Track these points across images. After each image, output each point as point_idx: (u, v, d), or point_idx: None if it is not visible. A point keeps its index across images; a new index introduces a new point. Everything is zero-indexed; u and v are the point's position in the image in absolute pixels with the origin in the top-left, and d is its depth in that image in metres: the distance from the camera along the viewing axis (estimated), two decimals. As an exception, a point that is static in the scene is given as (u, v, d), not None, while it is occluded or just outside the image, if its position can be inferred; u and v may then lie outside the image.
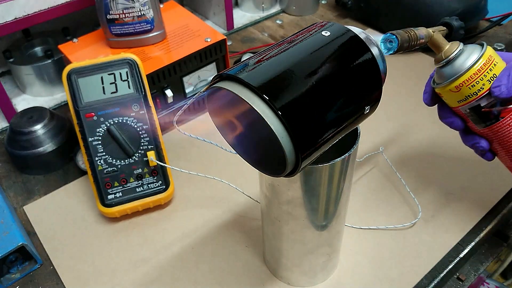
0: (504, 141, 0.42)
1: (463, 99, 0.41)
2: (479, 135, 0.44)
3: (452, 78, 0.41)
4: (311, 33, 0.32)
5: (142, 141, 0.55)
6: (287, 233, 0.42)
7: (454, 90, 0.41)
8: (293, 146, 0.27)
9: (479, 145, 0.44)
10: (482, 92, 0.40)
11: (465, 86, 0.40)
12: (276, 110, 0.26)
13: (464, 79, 0.40)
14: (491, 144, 0.44)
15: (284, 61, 0.29)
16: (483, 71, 0.40)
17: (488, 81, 0.40)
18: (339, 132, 0.31)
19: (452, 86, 0.41)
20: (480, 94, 0.40)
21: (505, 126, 0.41)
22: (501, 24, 0.81)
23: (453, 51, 0.40)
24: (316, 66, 0.29)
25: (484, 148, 0.44)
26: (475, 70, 0.40)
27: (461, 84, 0.40)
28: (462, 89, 0.41)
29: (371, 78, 0.32)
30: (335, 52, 0.31)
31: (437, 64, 0.42)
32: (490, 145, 0.44)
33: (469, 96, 0.41)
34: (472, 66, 0.40)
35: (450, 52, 0.40)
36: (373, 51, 0.32)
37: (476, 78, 0.40)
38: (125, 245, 0.53)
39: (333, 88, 0.29)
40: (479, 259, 0.52)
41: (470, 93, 0.41)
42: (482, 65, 0.40)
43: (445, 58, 0.41)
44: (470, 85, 0.40)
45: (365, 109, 0.32)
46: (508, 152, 0.43)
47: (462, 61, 0.40)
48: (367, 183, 0.58)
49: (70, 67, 0.54)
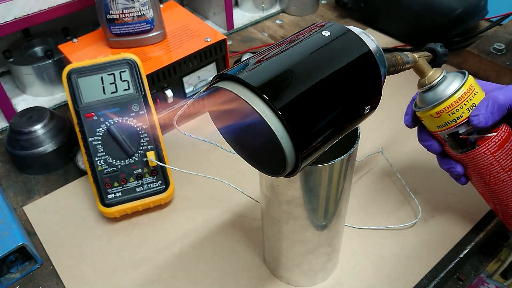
0: (478, 168, 0.44)
1: (442, 125, 0.43)
2: (455, 160, 0.45)
3: (433, 104, 0.42)
4: (311, 33, 0.32)
5: (142, 141, 0.55)
6: (287, 233, 0.42)
7: (434, 115, 0.42)
8: (293, 146, 0.27)
9: (454, 169, 0.45)
10: (461, 119, 0.41)
11: (445, 113, 0.42)
12: (276, 110, 0.26)
13: (445, 106, 0.41)
14: (466, 169, 0.45)
15: (284, 61, 0.29)
16: (463, 100, 0.41)
17: (467, 109, 0.41)
18: (339, 132, 0.31)
19: (433, 111, 0.42)
20: (459, 122, 0.42)
21: (480, 154, 0.43)
22: (501, 24, 0.81)
23: (436, 78, 0.41)
24: (316, 66, 0.29)
25: (459, 172, 0.45)
26: (456, 98, 0.41)
27: (441, 110, 0.42)
28: (442, 115, 0.42)
29: (371, 78, 0.32)
30: (335, 52, 0.31)
31: (420, 88, 0.43)
32: (464, 170, 0.45)
33: (448, 123, 0.42)
34: (453, 94, 0.41)
35: (433, 78, 0.42)
36: (373, 51, 0.32)
37: (456, 106, 0.41)
38: (125, 245, 0.53)
39: (333, 88, 0.29)
40: (479, 259, 0.52)
41: (449, 120, 0.42)
42: (463, 94, 0.41)
43: (428, 84, 0.42)
44: (450, 112, 0.41)
45: (365, 109, 0.32)
46: (481, 179, 0.45)
47: (444, 88, 0.41)
48: (367, 183, 0.58)
49: (70, 67, 0.54)
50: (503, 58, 0.71)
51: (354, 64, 0.31)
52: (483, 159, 0.43)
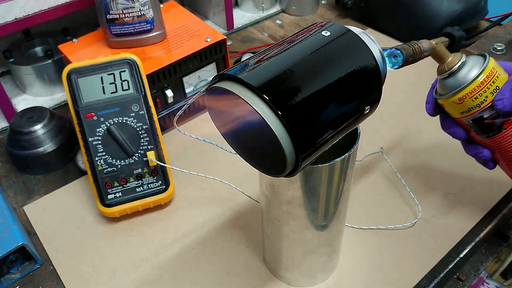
0: (506, 152, 0.43)
1: (466, 111, 0.41)
2: (482, 145, 0.44)
3: (455, 91, 0.41)
4: (311, 33, 0.32)
5: (142, 141, 0.55)
6: (287, 233, 0.42)
7: (457, 102, 0.41)
8: (293, 146, 0.27)
9: (482, 154, 0.44)
10: (485, 104, 0.40)
11: (468, 98, 0.40)
12: (276, 110, 0.26)
13: (467, 91, 0.40)
14: (493, 154, 0.44)
15: (284, 61, 0.29)
16: (486, 84, 0.40)
17: (491, 93, 0.40)
18: (339, 132, 0.31)
19: (455, 98, 0.41)
20: (483, 106, 0.40)
21: (507, 137, 0.42)
22: (501, 24, 0.81)
23: (456, 63, 0.40)
24: (316, 66, 0.29)
25: (486, 157, 0.44)
26: (478, 83, 0.40)
27: (464, 96, 0.40)
28: (465, 101, 0.41)
29: (371, 78, 0.32)
30: (335, 52, 0.31)
31: (440, 75, 0.42)
32: (492, 154, 0.44)
33: (472, 108, 0.41)
34: (475, 78, 0.40)
35: (453, 64, 0.40)
36: (373, 51, 0.32)
37: (479, 91, 0.40)
38: (125, 245, 0.53)
39: (333, 88, 0.29)
40: (479, 259, 0.52)
41: (473, 105, 0.41)
42: (485, 78, 0.40)
43: (448, 70, 0.41)
44: (473, 97, 0.40)
45: (365, 109, 0.32)
46: (509, 162, 0.44)
47: (465, 73, 0.40)
48: (367, 183, 0.58)
49: (70, 67, 0.54)
50: (503, 58, 0.71)
51: (354, 64, 0.31)
52: (510, 142, 0.41)
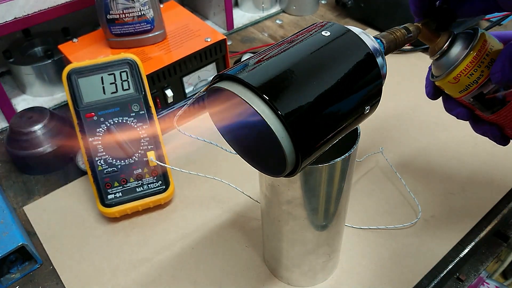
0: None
1: (464, 89, 0.39)
2: (489, 122, 0.42)
3: (448, 70, 0.39)
4: (311, 33, 0.32)
5: (142, 141, 0.55)
6: (287, 233, 0.42)
7: (453, 81, 0.39)
8: (293, 146, 0.27)
9: (490, 132, 0.42)
10: (482, 79, 0.38)
11: (463, 76, 0.38)
12: (276, 110, 0.26)
13: (461, 69, 0.38)
14: (504, 129, 0.42)
15: (284, 61, 0.29)
16: (479, 58, 0.38)
17: (486, 67, 0.38)
18: (339, 132, 0.31)
19: (450, 77, 0.39)
20: (480, 82, 0.38)
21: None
22: (501, 24, 0.81)
23: (445, 42, 0.39)
24: (316, 66, 0.29)
25: (496, 134, 0.42)
26: (471, 59, 0.38)
27: (458, 74, 0.39)
28: (461, 80, 0.39)
29: (371, 77, 0.32)
30: (335, 52, 0.31)
31: (432, 56, 0.40)
32: (501, 130, 0.42)
33: (469, 86, 0.39)
34: (467, 55, 0.38)
35: (442, 43, 0.39)
36: (373, 51, 0.32)
37: (473, 67, 0.38)
38: (125, 245, 0.53)
39: (333, 88, 0.29)
40: (479, 259, 0.52)
41: (470, 82, 0.39)
42: (477, 53, 0.38)
43: (438, 50, 0.39)
44: (468, 74, 0.38)
45: (365, 109, 0.32)
46: None
47: (456, 51, 0.38)
48: (367, 183, 0.58)
49: (70, 67, 0.54)
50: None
51: (354, 64, 0.31)
52: None
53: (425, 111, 0.68)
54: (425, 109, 0.68)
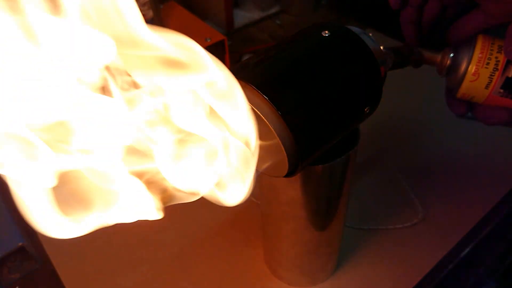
0: None
1: (488, 82, 0.38)
2: None
3: (464, 69, 0.38)
4: (311, 33, 0.32)
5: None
6: (287, 233, 0.42)
7: (473, 78, 0.38)
8: (293, 146, 0.27)
9: None
10: (501, 64, 0.37)
11: (481, 68, 0.38)
12: (276, 111, 0.26)
13: (475, 62, 0.38)
14: None
15: (284, 61, 0.29)
16: (487, 46, 0.38)
17: (498, 52, 0.37)
18: (339, 132, 0.31)
19: (469, 76, 0.38)
20: (500, 67, 0.37)
21: None
22: (501, 24, 0.81)
23: (448, 54, 0.39)
24: (316, 66, 0.29)
25: None
26: (480, 48, 0.38)
27: (476, 69, 0.38)
28: (480, 73, 0.38)
29: (371, 78, 0.32)
30: (335, 52, 0.31)
31: (441, 73, 0.40)
32: None
33: (492, 75, 0.38)
34: (475, 46, 0.38)
35: (446, 58, 0.39)
36: (374, 51, 0.32)
37: (486, 54, 0.38)
38: (125, 245, 0.53)
39: (333, 88, 0.29)
40: (479, 259, 0.52)
41: (490, 71, 0.38)
42: (483, 40, 0.38)
43: (445, 65, 0.39)
44: (484, 64, 0.38)
45: (365, 109, 0.32)
46: None
47: (462, 52, 0.39)
48: (367, 183, 0.58)
49: (70, 67, 0.54)
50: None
51: (354, 64, 0.31)
52: None
53: (426, 111, 0.68)
54: (425, 108, 0.68)
